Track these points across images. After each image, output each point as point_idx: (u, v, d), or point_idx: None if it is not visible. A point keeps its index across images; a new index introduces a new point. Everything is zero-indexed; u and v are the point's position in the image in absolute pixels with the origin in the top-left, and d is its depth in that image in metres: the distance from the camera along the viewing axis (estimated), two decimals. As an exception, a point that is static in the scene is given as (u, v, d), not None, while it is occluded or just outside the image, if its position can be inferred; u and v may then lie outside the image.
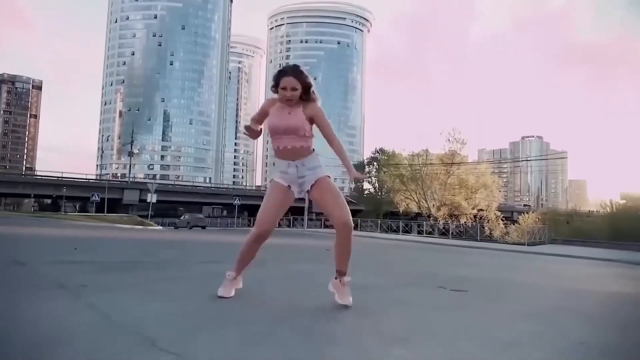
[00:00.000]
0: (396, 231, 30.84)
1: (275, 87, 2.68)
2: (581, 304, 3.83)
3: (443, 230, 31.87)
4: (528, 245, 22.65)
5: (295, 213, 52.84)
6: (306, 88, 2.67)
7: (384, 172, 56.32)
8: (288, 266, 4.19)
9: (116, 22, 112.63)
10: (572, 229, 35.95)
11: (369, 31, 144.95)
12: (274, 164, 2.82)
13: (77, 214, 30.89)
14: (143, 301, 2.52)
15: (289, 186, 2.71)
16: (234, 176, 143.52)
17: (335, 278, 2.76)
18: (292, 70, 2.68)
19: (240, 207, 45.27)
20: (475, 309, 3.09)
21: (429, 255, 11.54)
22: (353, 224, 2.75)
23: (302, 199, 3.01)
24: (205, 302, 2.61)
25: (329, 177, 2.74)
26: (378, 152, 67.73)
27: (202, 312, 2.36)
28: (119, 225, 20.71)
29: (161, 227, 25.10)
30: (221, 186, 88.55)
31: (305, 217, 31.68)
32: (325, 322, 2.31)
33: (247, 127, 2.78)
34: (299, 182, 2.70)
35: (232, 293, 2.76)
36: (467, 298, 3.62)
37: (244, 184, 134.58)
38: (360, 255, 9.19)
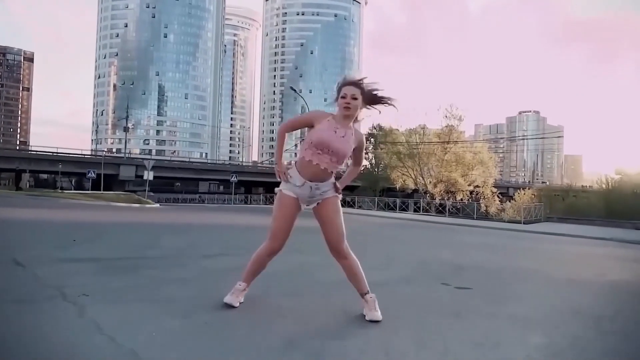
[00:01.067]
0: (393, 209, 30.92)
1: (337, 96, 2.68)
2: (584, 301, 3.82)
3: (440, 208, 31.98)
4: (524, 223, 22.76)
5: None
6: (370, 98, 2.69)
7: (381, 149, 56.10)
8: (292, 257, 4.11)
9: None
10: (566, 206, 36.11)
11: (366, 3, 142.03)
12: (288, 165, 2.77)
13: (73, 191, 30.73)
14: (149, 316, 2.47)
15: (297, 198, 2.71)
16: (230, 151, 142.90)
17: (362, 300, 2.80)
18: (356, 81, 2.69)
19: (237, 183, 45.23)
20: (483, 315, 3.07)
21: (428, 235, 11.56)
22: (347, 246, 2.77)
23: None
24: (214, 315, 2.57)
25: (337, 196, 2.77)
26: (375, 128, 67.38)
27: (212, 330, 2.32)
28: (116, 204, 20.61)
29: (158, 205, 25.03)
30: (217, 162, 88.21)
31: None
32: (335, 343, 2.27)
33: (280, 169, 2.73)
34: (307, 200, 2.72)
35: (240, 302, 2.74)
36: (472, 299, 3.60)
37: (241, 159, 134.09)
38: (359, 240, 9.21)
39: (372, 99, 2.71)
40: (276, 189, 2.78)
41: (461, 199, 41.72)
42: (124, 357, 1.87)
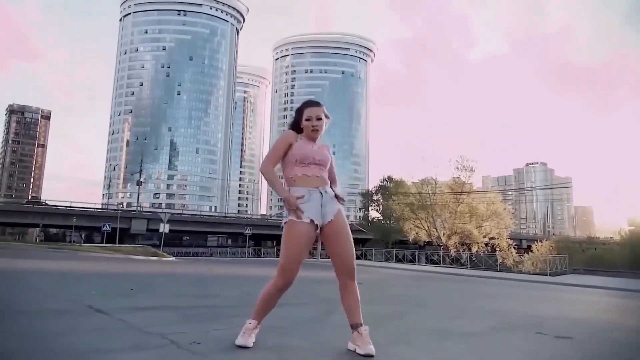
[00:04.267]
0: (410, 261, 30.31)
1: (298, 120, 2.68)
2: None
3: (458, 260, 31.30)
4: (551, 275, 22.12)
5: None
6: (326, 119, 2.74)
7: (393, 201, 55.95)
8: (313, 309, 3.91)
9: (125, 53, 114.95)
10: (588, 257, 35.35)
11: (372, 61, 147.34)
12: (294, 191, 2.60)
13: (91, 245, 30.55)
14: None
15: (311, 221, 2.53)
16: (239, 205, 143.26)
17: (352, 333, 2.58)
18: (315, 102, 2.77)
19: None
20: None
21: (466, 287, 11.22)
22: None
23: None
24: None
25: (341, 209, 2.67)
26: (386, 180, 67.62)
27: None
28: (134, 256, 20.42)
29: (174, 258, 24.74)
30: (228, 215, 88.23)
31: (319, 246, 31.01)
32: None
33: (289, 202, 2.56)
34: (322, 212, 2.56)
35: (252, 342, 2.55)
36: (580, 348, 3.33)
37: (249, 212, 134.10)
38: (402, 289, 8.91)
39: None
40: (284, 220, 2.57)
41: (477, 251, 41.01)
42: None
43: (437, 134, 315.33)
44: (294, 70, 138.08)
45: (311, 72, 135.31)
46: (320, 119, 2.68)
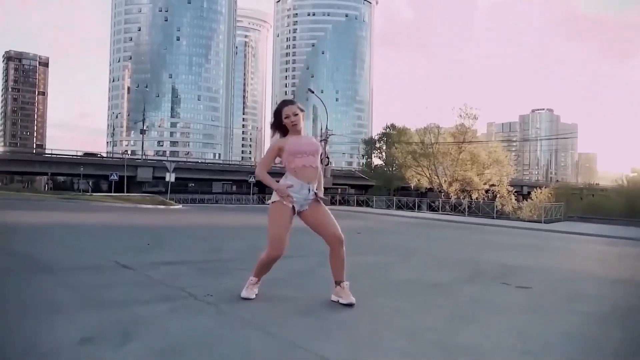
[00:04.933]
0: (410, 208, 31.10)
1: (279, 121, 3.09)
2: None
3: (458, 207, 32.10)
4: (545, 222, 22.81)
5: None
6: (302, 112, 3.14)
7: (396, 148, 56.23)
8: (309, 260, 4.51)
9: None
10: (585, 205, 35.99)
11: (377, 3, 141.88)
12: (285, 183, 3.04)
13: (101, 194, 31.45)
14: (279, 313, 2.85)
15: (293, 207, 3.03)
16: (242, 152, 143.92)
17: (335, 287, 3.12)
18: (289, 100, 3.21)
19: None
20: (562, 312, 3.38)
21: (458, 235, 11.85)
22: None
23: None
24: (337, 313, 2.95)
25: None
26: (389, 128, 67.57)
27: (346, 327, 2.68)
28: (144, 205, 21.24)
29: (181, 206, 25.60)
30: (232, 162, 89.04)
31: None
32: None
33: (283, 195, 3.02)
34: (302, 203, 3.06)
35: (255, 294, 3.12)
36: (540, 298, 3.90)
37: (252, 159, 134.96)
38: (396, 237, 9.59)
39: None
40: (270, 201, 3.08)
41: (477, 198, 41.81)
42: (287, 348, 2.23)
43: (442, 80, 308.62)
44: (296, 14, 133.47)
45: (314, 15, 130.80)
46: (296, 114, 3.07)
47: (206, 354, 2.09)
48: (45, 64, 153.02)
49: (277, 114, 3.11)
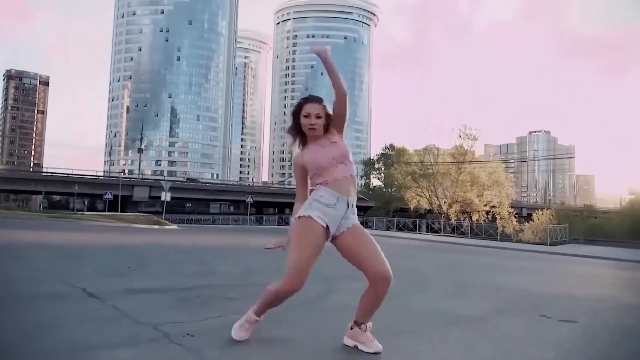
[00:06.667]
0: (412, 229, 30.46)
1: (297, 124, 2.45)
2: None
3: (459, 228, 31.45)
4: (550, 245, 22.23)
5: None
6: (329, 116, 2.49)
7: (395, 169, 55.86)
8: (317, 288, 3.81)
9: (123, 17, 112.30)
10: (588, 227, 35.43)
11: (375, 25, 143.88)
12: (311, 192, 2.41)
13: (93, 213, 30.68)
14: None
15: (327, 227, 2.33)
16: (240, 172, 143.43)
17: (352, 328, 2.43)
18: (313, 97, 2.52)
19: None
20: (610, 352, 2.73)
21: (468, 259, 11.26)
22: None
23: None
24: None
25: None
26: (388, 148, 67.31)
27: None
28: (137, 225, 20.50)
29: (176, 226, 24.89)
30: (230, 182, 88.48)
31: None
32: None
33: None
34: (340, 223, 2.35)
35: (248, 335, 2.44)
36: (587, 335, 3.26)
37: (251, 179, 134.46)
38: (404, 261, 8.89)
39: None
40: (299, 214, 2.34)
41: (477, 220, 41.21)
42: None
43: (440, 101, 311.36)
44: (295, 35, 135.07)
45: (313, 37, 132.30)
46: (319, 116, 2.43)
47: None
48: (45, 82, 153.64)
49: (296, 113, 2.46)
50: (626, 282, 8.35)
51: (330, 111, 2.50)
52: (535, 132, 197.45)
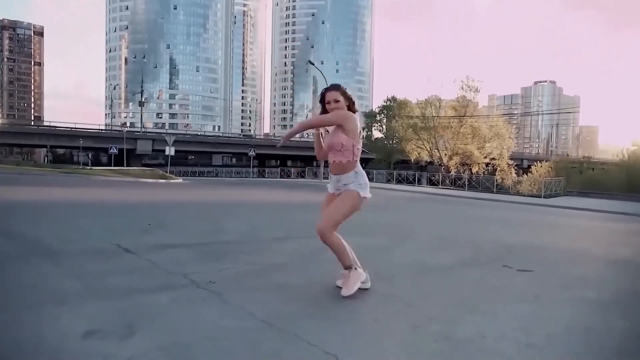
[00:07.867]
0: (412, 182, 31.11)
1: (324, 110, 3.01)
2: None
3: (457, 181, 32.12)
4: (544, 197, 22.90)
5: (306, 161, 53.14)
6: (349, 99, 3.01)
7: (396, 121, 55.84)
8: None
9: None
10: (585, 179, 35.81)
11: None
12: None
13: (101, 168, 31.38)
14: (280, 301, 2.84)
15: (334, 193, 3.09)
16: (242, 124, 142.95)
17: (342, 272, 3.08)
18: (333, 85, 3.07)
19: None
20: (562, 300, 3.38)
21: (459, 211, 11.90)
22: (326, 232, 2.90)
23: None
24: (333, 297, 2.94)
25: (356, 191, 2.98)
26: (389, 100, 66.92)
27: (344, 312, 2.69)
28: (144, 179, 21.24)
29: (181, 180, 25.60)
30: (232, 135, 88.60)
31: (322, 167, 31.44)
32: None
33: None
34: (336, 191, 3.07)
35: (355, 290, 2.99)
36: (541, 283, 3.90)
37: (252, 132, 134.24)
38: (397, 216, 9.59)
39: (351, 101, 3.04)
40: (363, 194, 2.98)
41: (477, 172, 41.80)
42: (290, 343, 2.24)
43: (444, 51, 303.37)
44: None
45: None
46: (338, 100, 2.96)
47: (211, 348, 2.09)
48: (40, 33, 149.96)
49: (322, 102, 3.04)
50: (605, 234, 8.80)
51: (349, 93, 3.06)
52: (541, 82, 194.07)
